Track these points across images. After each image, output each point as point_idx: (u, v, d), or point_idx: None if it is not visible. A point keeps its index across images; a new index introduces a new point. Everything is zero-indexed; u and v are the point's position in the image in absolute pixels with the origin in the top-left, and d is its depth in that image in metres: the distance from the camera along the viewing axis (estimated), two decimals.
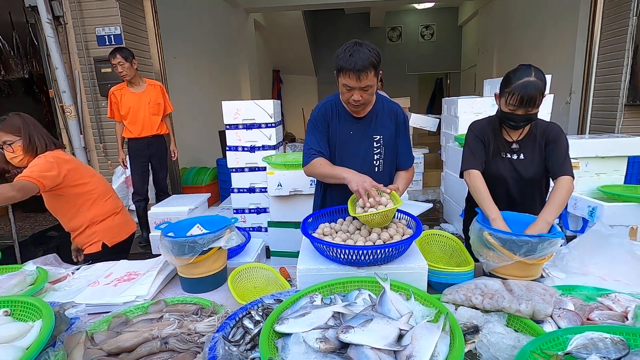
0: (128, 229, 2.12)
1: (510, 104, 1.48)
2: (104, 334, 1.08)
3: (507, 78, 1.51)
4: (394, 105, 1.67)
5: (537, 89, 1.43)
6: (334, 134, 1.63)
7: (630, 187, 2.96)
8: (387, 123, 1.63)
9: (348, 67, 1.39)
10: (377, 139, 1.62)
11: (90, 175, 1.97)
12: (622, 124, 3.86)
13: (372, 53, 1.40)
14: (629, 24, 3.66)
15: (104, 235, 1.97)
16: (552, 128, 1.61)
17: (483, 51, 9.01)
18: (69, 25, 3.80)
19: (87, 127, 4.04)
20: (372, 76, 1.43)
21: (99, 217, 1.96)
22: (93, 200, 1.95)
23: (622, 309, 1.05)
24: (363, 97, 1.47)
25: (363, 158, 1.62)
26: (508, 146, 1.64)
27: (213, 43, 6.49)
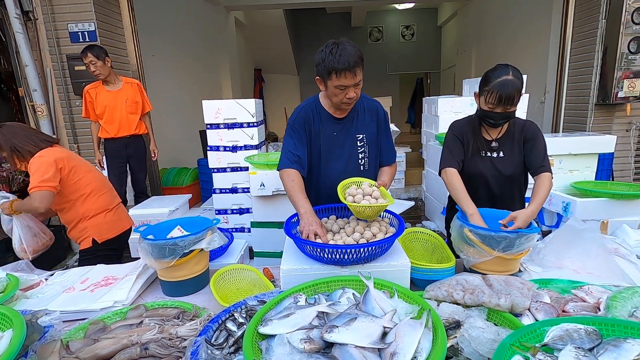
0: (120, 226, 2.09)
1: (489, 102, 1.52)
2: (80, 341, 1.04)
3: (486, 77, 1.54)
4: (373, 103, 1.68)
5: (515, 88, 1.47)
6: (316, 137, 1.62)
7: (601, 183, 3.09)
8: (368, 121, 1.64)
9: (342, 67, 1.37)
10: (360, 138, 1.63)
11: (86, 171, 1.98)
12: (593, 123, 4.02)
13: (356, 48, 1.42)
14: (599, 26, 3.82)
15: (94, 231, 1.97)
16: (529, 126, 1.66)
17: (462, 52, 9.21)
18: (39, 21, 3.63)
19: (60, 127, 3.88)
20: (360, 72, 1.44)
21: (90, 213, 1.97)
22: (86, 195, 1.95)
23: (594, 300, 1.10)
24: (356, 93, 1.48)
25: (348, 158, 1.62)
26: (487, 145, 1.68)
27: (193, 40, 6.36)
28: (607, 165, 3.69)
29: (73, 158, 1.95)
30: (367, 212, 1.32)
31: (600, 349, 0.80)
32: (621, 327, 0.84)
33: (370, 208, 1.29)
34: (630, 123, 4.00)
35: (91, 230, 1.97)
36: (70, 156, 1.93)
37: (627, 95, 3.75)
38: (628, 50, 3.67)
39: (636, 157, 4.11)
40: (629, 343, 0.79)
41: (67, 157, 1.90)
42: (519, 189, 1.74)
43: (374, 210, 1.31)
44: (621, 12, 3.59)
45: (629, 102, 3.84)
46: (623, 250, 1.52)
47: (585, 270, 1.37)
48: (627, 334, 0.83)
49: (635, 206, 2.62)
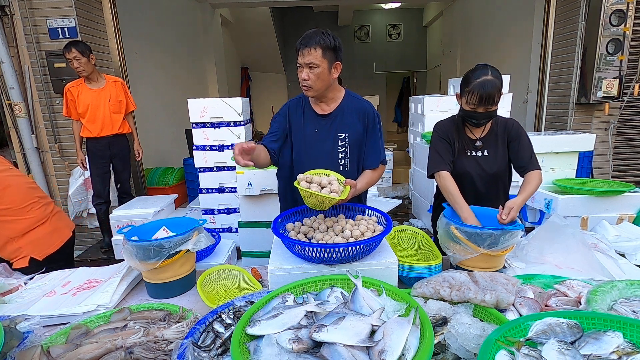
0: (62, 237, 1.88)
1: (470, 102, 1.54)
2: (62, 347, 1.01)
3: (466, 78, 1.56)
4: (363, 104, 1.65)
5: (495, 87, 1.50)
6: (297, 130, 1.63)
7: (581, 180, 3.18)
8: (354, 121, 1.61)
9: (298, 44, 1.47)
10: (342, 137, 1.60)
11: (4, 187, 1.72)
12: (573, 122, 4.14)
13: (325, 36, 1.46)
14: (578, 28, 3.92)
15: (31, 250, 1.76)
16: (512, 125, 1.69)
17: (447, 51, 9.33)
18: (16, 16, 3.51)
19: (39, 126, 3.76)
20: (318, 55, 1.45)
21: (21, 231, 1.74)
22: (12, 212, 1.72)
23: (576, 294, 1.13)
24: (309, 76, 1.48)
25: (328, 156, 1.61)
26: (472, 144, 1.70)
27: (178, 38, 6.25)
28: (587, 163, 3.80)
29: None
30: (311, 200, 1.32)
31: (581, 342, 0.82)
32: (601, 321, 0.87)
33: (314, 196, 1.29)
34: (608, 122, 4.13)
35: (26, 249, 1.74)
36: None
37: (605, 95, 3.87)
38: (606, 51, 3.78)
39: (614, 155, 4.25)
40: (609, 335, 0.81)
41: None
42: (504, 187, 1.77)
43: (318, 200, 1.30)
44: (600, 14, 3.70)
45: (607, 102, 3.97)
46: (602, 246, 1.57)
47: (567, 265, 1.40)
48: (607, 327, 0.85)
49: (614, 203, 2.70)
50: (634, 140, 4.28)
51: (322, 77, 1.49)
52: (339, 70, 1.54)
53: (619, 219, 2.58)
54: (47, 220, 1.86)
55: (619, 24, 3.71)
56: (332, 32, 1.49)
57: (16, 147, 3.78)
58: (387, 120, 12.51)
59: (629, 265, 1.47)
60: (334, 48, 1.47)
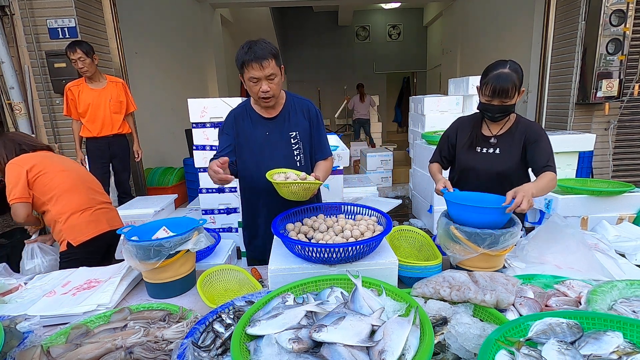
0: (97, 228, 1.96)
1: (485, 94, 1.57)
2: (62, 347, 1.01)
3: (485, 71, 1.59)
4: (305, 102, 1.74)
5: (510, 80, 1.50)
6: (248, 137, 1.67)
7: (581, 180, 3.18)
8: (300, 119, 1.69)
9: (249, 58, 1.47)
10: (293, 135, 1.68)
11: (58, 170, 1.92)
12: (573, 122, 4.14)
13: (269, 45, 1.51)
14: (578, 28, 3.93)
15: (68, 234, 1.89)
16: (533, 127, 1.67)
17: (447, 51, 9.33)
18: (16, 16, 3.51)
19: (39, 125, 3.77)
20: (274, 64, 1.50)
21: (63, 214, 1.89)
22: (57, 196, 1.89)
23: (576, 294, 1.13)
24: (271, 87, 1.52)
25: (284, 156, 1.67)
26: (486, 140, 1.70)
27: (177, 38, 6.25)
28: (587, 163, 3.80)
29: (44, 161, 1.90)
30: (292, 188, 1.37)
31: (581, 342, 0.82)
32: (601, 321, 0.87)
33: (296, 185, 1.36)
34: (608, 122, 4.13)
35: (65, 232, 1.89)
36: (42, 160, 1.89)
37: (605, 95, 3.87)
38: (606, 51, 3.78)
39: (614, 155, 4.25)
40: (609, 335, 0.81)
41: (38, 162, 1.87)
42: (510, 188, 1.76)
43: (300, 187, 1.36)
44: (600, 14, 3.70)
45: (607, 102, 3.97)
46: (602, 246, 1.57)
47: (567, 265, 1.40)
48: (607, 326, 0.85)
49: (614, 203, 2.70)
50: (634, 140, 4.28)
51: (279, 84, 1.57)
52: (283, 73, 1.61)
53: (619, 219, 2.58)
54: (89, 210, 1.97)
55: (619, 24, 3.71)
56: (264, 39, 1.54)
57: None
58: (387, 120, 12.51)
59: (629, 265, 1.47)
60: (278, 54, 1.55)
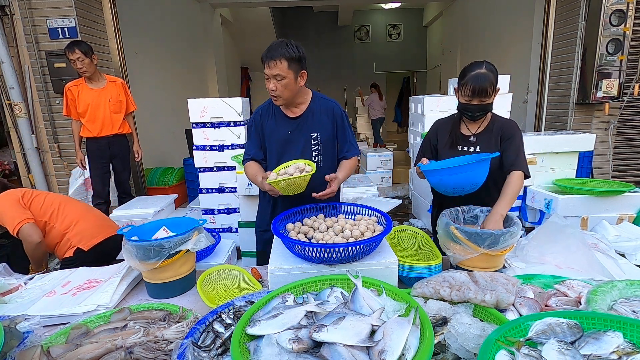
0: (105, 232, 2.06)
1: (465, 95, 1.61)
2: (62, 347, 1.01)
3: (462, 72, 1.64)
4: (330, 104, 1.74)
5: (488, 80, 1.56)
6: (271, 134, 1.73)
7: (581, 180, 3.18)
8: (323, 120, 1.70)
9: (264, 56, 1.54)
10: (314, 137, 1.70)
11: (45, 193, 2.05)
12: (573, 122, 4.14)
13: (289, 48, 1.51)
14: (579, 28, 3.92)
15: (78, 240, 1.95)
16: (508, 124, 1.73)
17: (447, 51, 9.33)
18: (15, 16, 3.51)
19: (39, 126, 3.76)
20: (283, 66, 1.51)
21: (69, 224, 1.97)
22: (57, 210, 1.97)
23: (576, 294, 1.13)
24: (277, 87, 1.55)
25: (301, 155, 1.69)
26: (465, 139, 1.74)
27: (178, 38, 6.25)
28: (587, 163, 3.80)
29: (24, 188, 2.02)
30: (280, 185, 1.45)
31: (581, 342, 0.82)
32: (601, 321, 0.87)
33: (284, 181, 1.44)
34: (608, 122, 4.13)
35: (74, 240, 1.95)
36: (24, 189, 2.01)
37: (605, 95, 3.87)
38: (606, 51, 3.78)
39: (614, 155, 4.25)
40: (609, 335, 0.81)
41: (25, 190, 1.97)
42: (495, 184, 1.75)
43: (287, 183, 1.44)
44: (600, 14, 3.70)
45: (607, 102, 3.97)
46: (602, 246, 1.57)
47: (567, 265, 1.40)
48: (607, 326, 0.85)
49: (614, 203, 2.70)
50: (634, 140, 4.28)
51: (289, 87, 1.57)
52: (304, 79, 1.62)
53: (619, 219, 2.58)
54: (90, 216, 2.07)
55: (619, 24, 3.71)
56: (296, 42, 1.55)
57: (16, 147, 3.78)
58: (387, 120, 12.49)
59: (629, 265, 1.47)
60: (298, 58, 1.54)
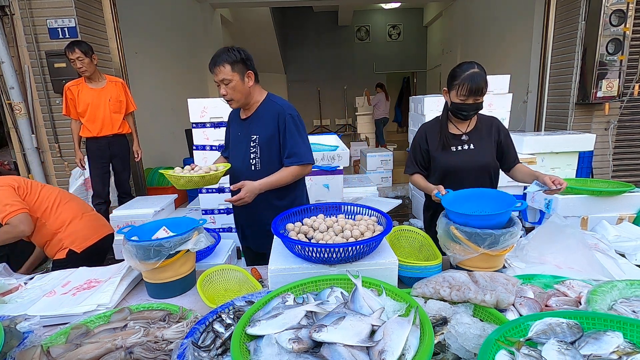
0: (99, 232, 2.02)
1: (460, 94, 1.62)
2: (62, 347, 1.01)
3: (454, 72, 1.66)
4: (277, 107, 1.72)
5: (482, 79, 1.60)
6: (229, 134, 1.87)
7: (581, 180, 3.18)
8: (266, 123, 1.70)
9: (210, 66, 1.63)
10: (253, 139, 1.72)
11: (41, 186, 1.95)
12: (573, 122, 4.14)
13: (230, 53, 1.61)
14: (578, 28, 3.92)
15: (70, 242, 1.90)
16: (497, 122, 1.82)
17: (447, 51, 9.33)
18: (16, 16, 3.51)
19: (39, 126, 3.77)
20: (227, 70, 1.61)
21: (62, 223, 1.91)
22: (51, 207, 1.90)
23: (576, 294, 1.13)
24: (227, 91, 1.65)
25: (243, 157, 1.75)
26: (457, 139, 1.77)
27: (178, 38, 6.25)
28: (587, 163, 3.80)
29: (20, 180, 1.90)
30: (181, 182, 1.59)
31: (581, 342, 0.82)
32: (601, 321, 0.87)
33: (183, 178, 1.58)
34: (608, 122, 4.13)
35: (67, 240, 1.90)
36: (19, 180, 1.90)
37: (605, 95, 3.87)
38: (606, 51, 3.78)
39: (614, 155, 4.25)
40: (609, 335, 0.81)
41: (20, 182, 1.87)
42: (490, 178, 1.82)
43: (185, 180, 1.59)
44: (600, 14, 3.70)
45: (607, 102, 3.97)
46: (602, 246, 1.57)
47: (567, 265, 1.40)
48: (607, 326, 0.85)
49: (614, 203, 2.70)
50: (634, 140, 4.28)
51: (237, 89, 1.65)
52: (252, 78, 1.70)
53: (619, 219, 2.58)
54: (85, 216, 2.01)
55: (619, 24, 3.71)
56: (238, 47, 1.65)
57: (16, 147, 3.78)
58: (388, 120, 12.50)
59: (629, 265, 1.47)
60: (241, 60, 1.63)
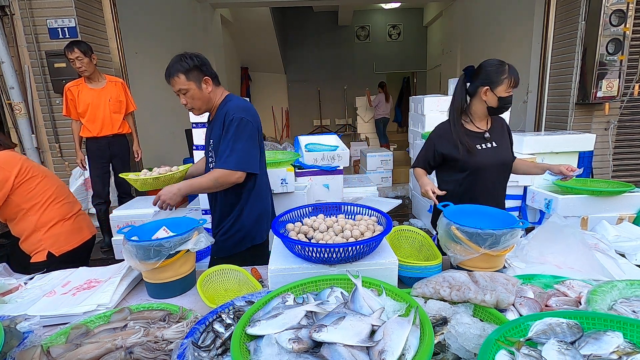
0: (81, 236, 1.95)
1: (510, 87, 1.69)
2: (62, 347, 1.01)
3: (495, 69, 1.69)
4: (224, 110, 1.66)
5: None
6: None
7: (581, 181, 3.18)
8: (219, 127, 1.67)
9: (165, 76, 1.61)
10: (210, 143, 1.74)
11: (42, 176, 1.84)
12: (573, 122, 4.14)
13: (182, 62, 1.57)
14: (579, 28, 3.93)
15: (50, 244, 1.82)
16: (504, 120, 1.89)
17: (447, 51, 9.33)
18: (16, 16, 3.52)
19: (39, 126, 3.77)
20: (182, 80, 1.58)
21: (45, 223, 1.82)
22: (41, 204, 1.81)
23: (576, 294, 1.13)
24: (187, 101, 1.64)
25: (205, 161, 1.81)
26: (480, 137, 1.79)
27: (178, 38, 6.25)
28: (587, 163, 3.80)
29: (27, 163, 1.80)
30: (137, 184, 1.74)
31: (581, 342, 0.82)
32: (601, 321, 0.87)
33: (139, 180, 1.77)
34: (608, 122, 4.13)
35: (46, 242, 1.81)
36: (22, 161, 1.78)
37: (605, 95, 3.87)
38: (606, 51, 3.78)
39: (614, 155, 4.25)
40: (609, 335, 0.81)
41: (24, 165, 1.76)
42: (508, 175, 1.88)
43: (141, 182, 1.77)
44: (600, 14, 3.70)
45: (607, 102, 3.97)
46: (602, 246, 1.57)
47: (567, 265, 1.40)
48: (607, 326, 0.85)
49: (614, 203, 2.70)
50: (634, 140, 4.28)
51: (196, 97, 1.63)
52: (210, 84, 1.65)
53: (619, 219, 2.58)
54: (71, 218, 1.93)
55: (619, 24, 3.71)
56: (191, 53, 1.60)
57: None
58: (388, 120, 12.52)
59: (629, 265, 1.47)
60: (195, 67, 1.58)
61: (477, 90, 1.73)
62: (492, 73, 1.70)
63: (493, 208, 1.49)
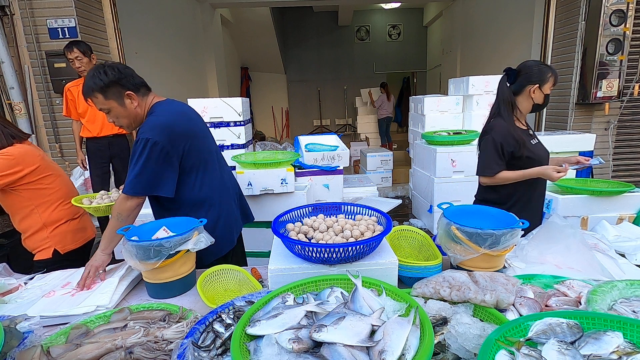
0: (85, 235, 1.98)
1: (553, 84, 1.80)
2: (62, 347, 1.01)
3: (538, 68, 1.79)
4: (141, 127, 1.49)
5: None
6: None
7: (581, 180, 3.17)
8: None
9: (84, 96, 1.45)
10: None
11: (56, 175, 1.86)
12: (573, 122, 4.14)
13: (96, 78, 1.40)
14: (578, 28, 3.93)
15: (57, 242, 1.84)
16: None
17: (447, 51, 9.33)
18: (16, 16, 3.52)
19: (39, 125, 3.77)
20: (101, 99, 1.42)
21: (54, 222, 1.84)
22: (51, 202, 1.82)
23: (576, 294, 1.13)
24: (113, 119, 1.50)
25: None
26: (527, 133, 1.90)
27: (178, 38, 6.26)
28: None
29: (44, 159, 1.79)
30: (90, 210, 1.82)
31: (581, 342, 0.82)
32: (601, 321, 0.87)
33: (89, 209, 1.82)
34: (608, 122, 4.14)
35: (53, 240, 1.82)
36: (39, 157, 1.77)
37: (605, 95, 3.87)
38: (606, 51, 3.78)
39: (614, 155, 4.25)
40: (609, 335, 0.81)
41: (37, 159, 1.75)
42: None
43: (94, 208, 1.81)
44: (600, 14, 3.70)
45: (607, 102, 3.97)
46: (602, 246, 1.57)
47: (567, 265, 1.40)
48: (607, 326, 0.85)
49: (614, 203, 2.70)
50: (634, 140, 4.28)
51: (121, 115, 1.48)
52: (134, 98, 1.47)
53: (619, 219, 2.57)
54: (78, 218, 1.96)
55: (619, 24, 3.71)
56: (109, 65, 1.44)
57: None
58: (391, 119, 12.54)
59: (629, 265, 1.47)
60: (111, 83, 1.41)
61: (524, 89, 1.82)
62: (539, 72, 1.80)
63: (493, 208, 1.49)
